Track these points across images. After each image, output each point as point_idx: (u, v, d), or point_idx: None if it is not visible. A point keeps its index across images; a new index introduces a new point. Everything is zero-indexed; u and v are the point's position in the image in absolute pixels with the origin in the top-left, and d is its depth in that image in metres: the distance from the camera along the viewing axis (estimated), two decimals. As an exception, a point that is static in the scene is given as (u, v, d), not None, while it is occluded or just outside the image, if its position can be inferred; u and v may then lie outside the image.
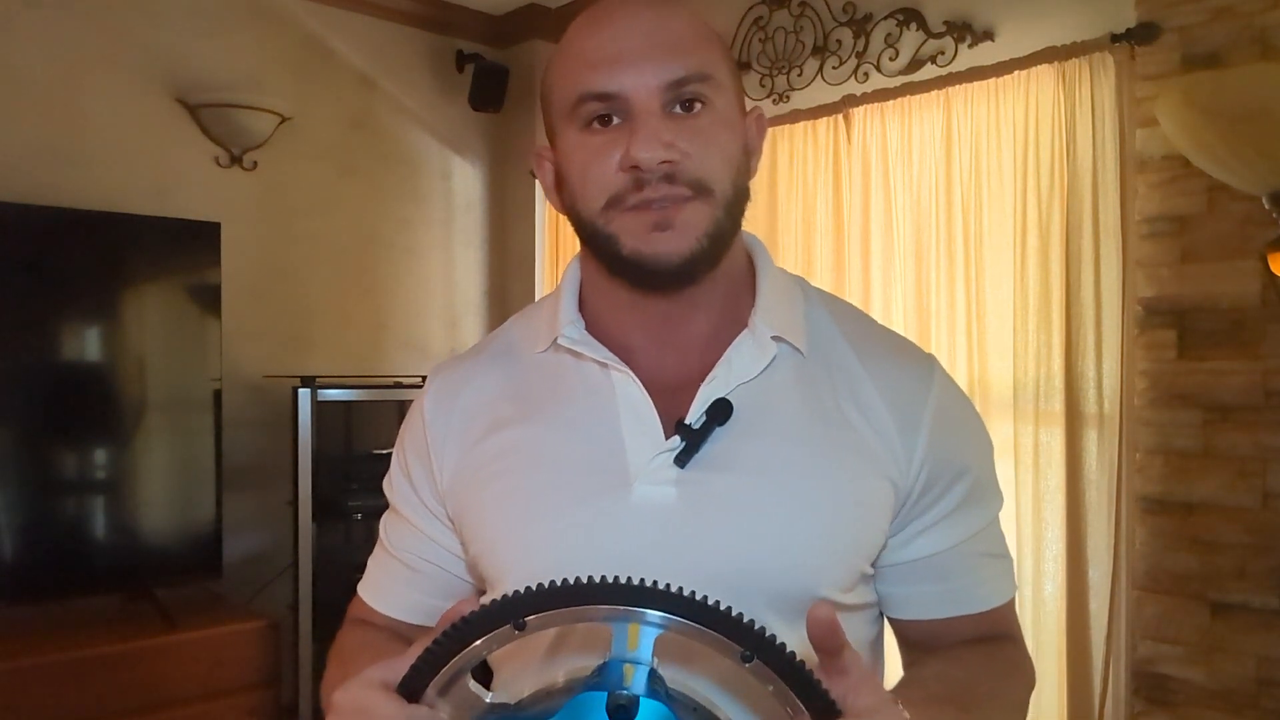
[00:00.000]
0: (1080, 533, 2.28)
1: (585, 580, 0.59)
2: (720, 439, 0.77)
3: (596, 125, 0.76)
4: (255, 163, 3.12)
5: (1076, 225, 2.28)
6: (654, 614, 0.59)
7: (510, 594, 0.59)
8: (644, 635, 0.59)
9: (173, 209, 2.88)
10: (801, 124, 2.84)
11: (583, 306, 0.85)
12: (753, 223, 2.97)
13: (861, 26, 2.76)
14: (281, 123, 3.08)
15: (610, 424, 0.80)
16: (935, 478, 0.80)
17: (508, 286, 3.76)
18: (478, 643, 0.60)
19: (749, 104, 0.83)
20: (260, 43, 3.15)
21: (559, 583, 0.59)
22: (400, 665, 0.63)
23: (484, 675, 0.70)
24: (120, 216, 2.72)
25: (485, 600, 0.62)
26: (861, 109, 2.69)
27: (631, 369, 0.81)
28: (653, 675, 0.60)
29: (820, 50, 2.87)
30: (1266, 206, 1.93)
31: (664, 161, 0.73)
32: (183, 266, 2.79)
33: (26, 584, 2.50)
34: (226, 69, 3.07)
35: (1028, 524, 2.34)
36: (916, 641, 0.86)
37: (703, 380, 0.79)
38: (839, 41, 2.83)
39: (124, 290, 2.69)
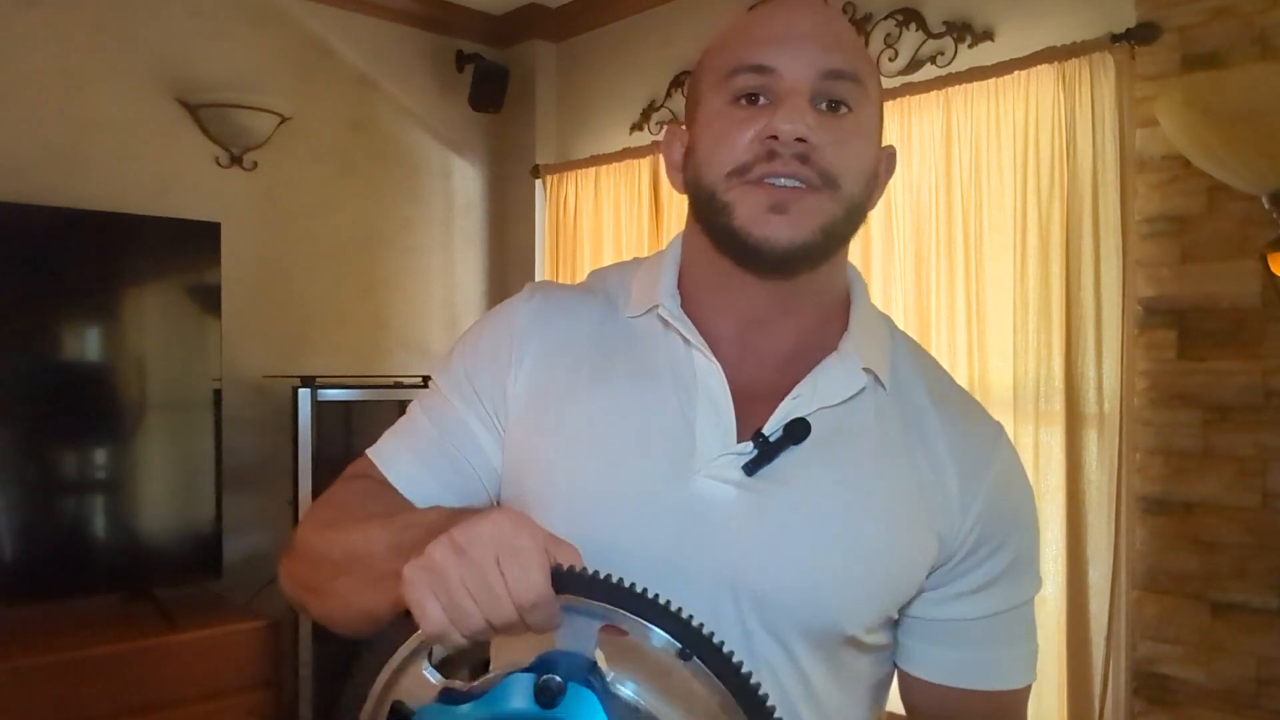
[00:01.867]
0: (1080, 533, 2.27)
1: (762, 691, 0.59)
2: (789, 454, 0.77)
3: (743, 101, 0.77)
4: (255, 163, 3.12)
5: (1076, 225, 2.28)
6: (596, 605, 0.59)
7: (709, 635, 0.59)
8: (586, 626, 0.60)
9: (173, 209, 2.88)
10: (801, 124, 2.83)
11: (679, 284, 0.85)
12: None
13: (861, 27, 2.76)
14: (281, 123, 3.08)
15: (686, 407, 0.79)
16: (982, 541, 0.80)
17: (508, 286, 3.76)
18: (643, 623, 0.59)
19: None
20: (260, 43, 3.15)
21: (747, 671, 0.59)
22: (563, 552, 0.62)
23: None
24: (120, 216, 2.72)
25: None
26: (861, 109, 2.69)
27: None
28: (591, 667, 0.60)
29: (820, 50, 2.86)
30: (1266, 206, 1.93)
31: (801, 139, 0.73)
32: (183, 266, 2.79)
33: (26, 584, 2.50)
34: (226, 69, 3.07)
35: (1028, 524, 2.34)
36: (920, 704, 0.84)
37: (778, 393, 0.79)
38: (839, 41, 2.83)
39: (124, 290, 2.69)
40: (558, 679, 0.58)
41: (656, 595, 0.60)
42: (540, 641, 0.61)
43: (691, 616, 0.60)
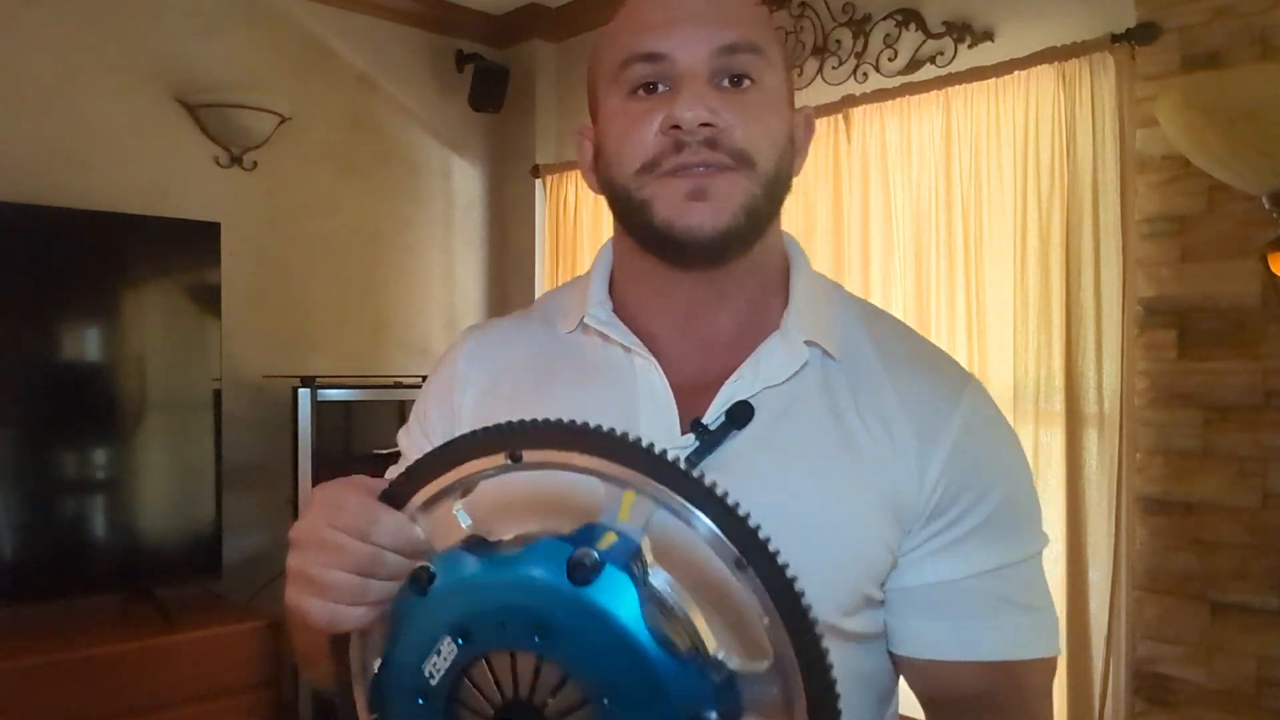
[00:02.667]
0: (1080, 533, 2.28)
1: (602, 428, 0.54)
2: (735, 442, 0.74)
3: (641, 93, 0.74)
4: (255, 163, 3.12)
5: (1076, 225, 2.28)
6: (657, 487, 0.53)
7: (514, 421, 0.56)
8: (638, 507, 0.54)
9: (173, 209, 2.89)
10: (801, 124, 2.83)
11: (612, 290, 0.83)
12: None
13: (861, 27, 2.76)
14: (281, 123, 3.08)
15: (627, 409, 0.77)
16: (953, 498, 0.74)
17: (508, 286, 3.76)
18: (471, 464, 0.57)
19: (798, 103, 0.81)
20: (260, 43, 3.15)
21: (567, 421, 0.55)
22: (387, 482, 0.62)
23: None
24: (120, 216, 2.72)
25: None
26: (861, 109, 2.69)
27: (655, 357, 0.78)
28: (634, 551, 0.54)
29: (820, 50, 2.87)
30: (1266, 206, 1.93)
31: (706, 124, 0.71)
32: (183, 266, 2.79)
33: (26, 584, 2.50)
34: (226, 69, 3.07)
35: (1028, 524, 2.34)
36: (924, 691, 0.78)
37: (723, 380, 0.76)
38: (838, 42, 2.83)
39: (124, 290, 2.69)
40: (595, 554, 0.52)
41: (514, 421, 0.56)
42: (581, 516, 0.56)
43: (546, 420, 0.56)
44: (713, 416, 0.74)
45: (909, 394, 0.76)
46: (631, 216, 0.76)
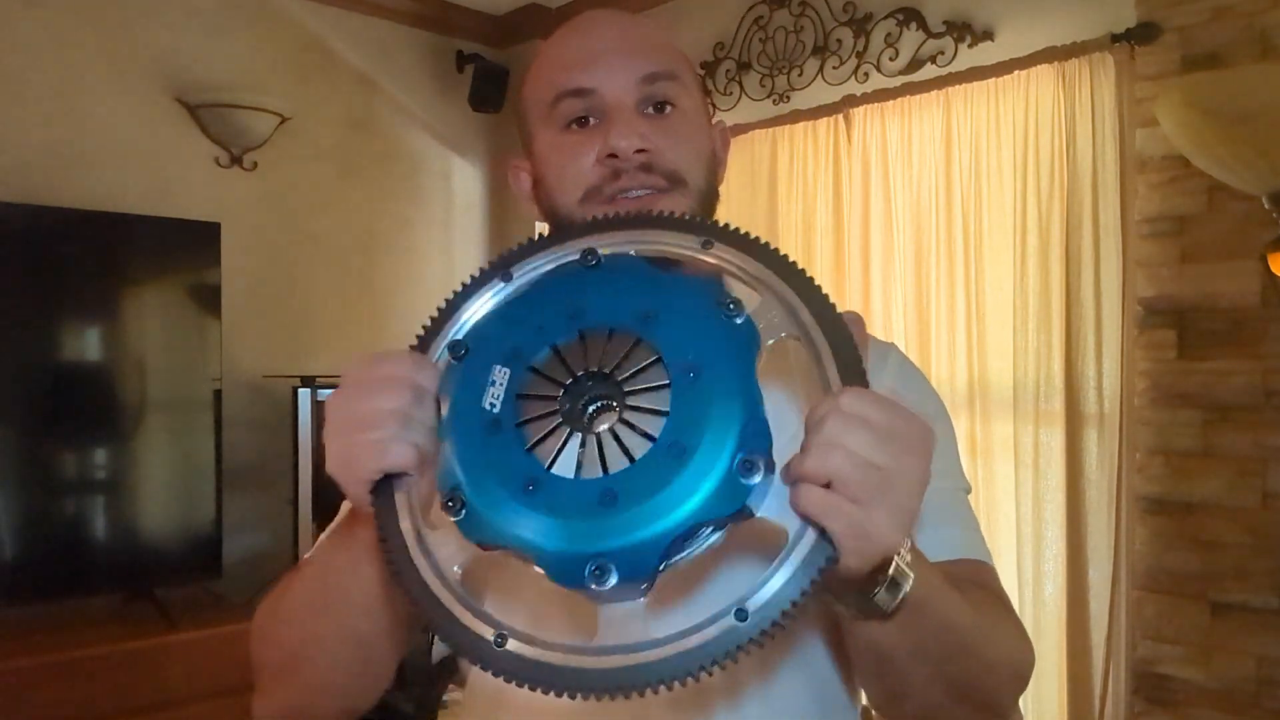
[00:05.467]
0: (1080, 533, 2.28)
1: (563, 229, 0.67)
2: None
3: (574, 126, 0.80)
4: (255, 163, 3.12)
5: (1076, 225, 2.28)
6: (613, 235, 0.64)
7: (498, 256, 0.67)
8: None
9: (173, 209, 2.88)
10: (801, 124, 2.83)
11: None
12: (753, 223, 2.97)
13: (861, 26, 2.76)
14: (281, 123, 3.08)
15: None
16: None
17: (508, 286, 3.76)
18: (473, 298, 0.65)
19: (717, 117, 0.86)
20: (260, 43, 3.15)
21: (537, 236, 0.67)
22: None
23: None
24: (120, 216, 2.72)
25: None
26: (861, 109, 2.69)
27: None
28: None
29: (820, 50, 2.87)
30: (1266, 206, 1.94)
31: (640, 150, 0.77)
32: (183, 266, 2.79)
33: (26, 584, 2.50)
34: (226, 69, 3.07)
35: (1028, 524, 2.34)
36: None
37: None
38: (839, 41, 2.83)
39: (124, 290, 2.69)
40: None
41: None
42: None
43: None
44: None
45: None
46: None
